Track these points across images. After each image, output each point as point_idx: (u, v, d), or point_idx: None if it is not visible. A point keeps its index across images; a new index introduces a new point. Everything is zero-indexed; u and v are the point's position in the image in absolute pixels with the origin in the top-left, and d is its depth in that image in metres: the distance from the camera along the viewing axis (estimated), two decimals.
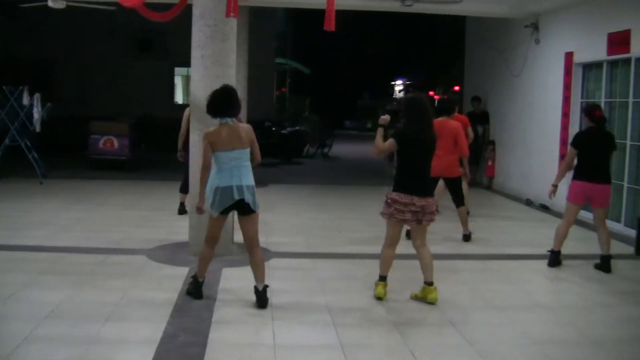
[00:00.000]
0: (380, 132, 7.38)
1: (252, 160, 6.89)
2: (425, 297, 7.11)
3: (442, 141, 8.68)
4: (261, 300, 6.79)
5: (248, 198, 6.72)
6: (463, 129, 10.71)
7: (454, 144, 10.14)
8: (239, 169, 6.72)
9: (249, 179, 6.78)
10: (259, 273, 6.86)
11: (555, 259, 8.88)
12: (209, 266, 7.10)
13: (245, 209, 6.80)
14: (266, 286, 6.86)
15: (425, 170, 7.18)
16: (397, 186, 7.12)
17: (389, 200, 7.14)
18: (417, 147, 7.12)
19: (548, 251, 9.01)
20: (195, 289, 7.02)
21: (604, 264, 8.75)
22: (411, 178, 7.08)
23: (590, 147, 8.68)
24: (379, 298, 7.14)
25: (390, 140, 7.20)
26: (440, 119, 9.91)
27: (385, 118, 7.47)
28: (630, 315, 7.03)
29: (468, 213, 11.23)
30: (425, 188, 7.10)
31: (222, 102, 6.85)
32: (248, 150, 6.83)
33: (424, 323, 6.64)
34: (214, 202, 6.74)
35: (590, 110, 8.84)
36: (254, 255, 6.89)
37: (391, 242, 7.30)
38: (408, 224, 7.20)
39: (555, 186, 8.91)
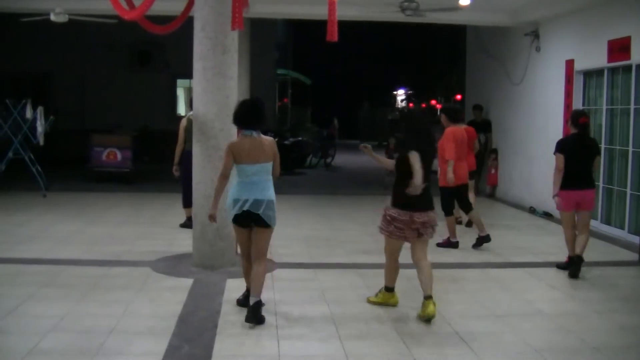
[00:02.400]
0: (375, 156, 7.53)
1: (272, 173, 6.87)
2: (422, 311, 6.89)
3: (458, 148, 9.37)
4: (248, 313, 6.62)
5: (266, 212, 6.67)
6: (471, 140, 10.94)
7: (468, 151, 10.38)
8: (260, 183, 6.70)
9: (269, 193, 6.74)
10: (255, 285, 6.73)
11: (577, 262, 8.68)
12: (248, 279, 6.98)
13: (261, 223, 6.75)
14: (259, 302, 6.66)
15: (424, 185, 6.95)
16: (396, 201, 6.99)
17: (387, 218, 7.02)
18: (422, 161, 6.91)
19: (564, 262, 9.00)
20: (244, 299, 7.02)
21: (575, 265, 8.70)
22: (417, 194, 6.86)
23: (575, 154, 8.66)
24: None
25: (391, 161, 7.32)
26: (454, 127, 10.31)
27: (367, 147, 7.50)
28: (632, 322, 7.01)
29: (460, 222, 11.34)
30: (425, 202, 6.98)
31: (249, 114, 6.82)
32: (270, 164, 6.80)
33: (427, 332, 6.62)
34: (232, 214, 6.75)
35: (574, 117, 8.86)
36: (256, 266, 6.81)
37: (390, 256, 7.27)
38: (409, 240, 7.06)
39: (556, 196, 8.82)
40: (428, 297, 6.87)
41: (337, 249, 10.39)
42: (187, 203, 10.40)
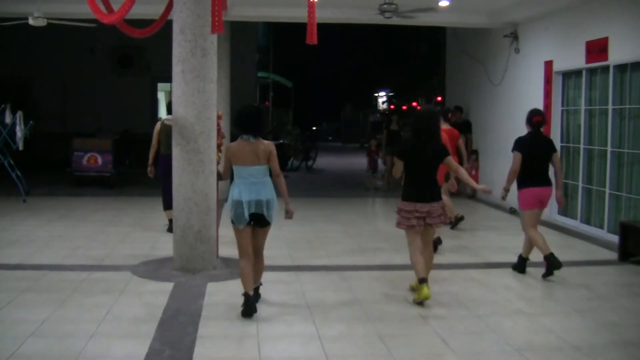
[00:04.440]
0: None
1: (270, 174, 7.14)
2: (417, 295, 7.46)
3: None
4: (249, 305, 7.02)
5: (266, 211, 7.01)
6: (454, 141, 11.05)
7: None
8: (257, 184, 6.99)
9: (267, 193, 7.02)
10: (257, 276, 7.34)
11: (553, 260, 8.59)
12: (249, 280, 7.06)
13: (262, 222, 7.09)
14: (259, 285, 7.43)
15: (426, 179, 7.65)
16: (404, 196, 7.70)
17: (397, 210, 7.76)
18: (419, 158, 7.64)
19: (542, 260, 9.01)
20: (246, 306, 6.97)
21: (520, 265, 9.10)
22: (414, 188, 7.64)
23: (532, 152, 8.76)
24: (425, 298, 7.39)
25: (397, 161, 7.80)
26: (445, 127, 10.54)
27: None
28: (612, 320, 7.06)
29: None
30: (427, 195, 7.59)
31: (247, 120, 7.08)
32: (266, 166, 7.05)
33: (407, 333, 6.64)
34: (234, 216, 7.01)
35: (529, 116, 8.94)
36: (260, 261, 7.35)
37: (412, 248, 7.69)
38: (415, 229, 7.59)
39: (507, 190, 9.01)
40: (422, 280, 7.40)
41: (319, 251, 10.41)
42: (167, 206, 10.78)
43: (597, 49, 11.44)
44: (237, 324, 6.75)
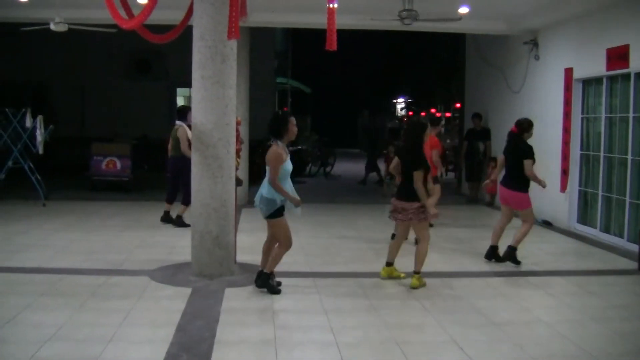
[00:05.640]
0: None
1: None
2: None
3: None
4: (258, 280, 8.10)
5: (259, 206, 7.91)
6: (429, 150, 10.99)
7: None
8: (264, 183, 7.90)
9: (262, 191, 7.83)
10: (270, 261, 8.07)
11: (491, 252, 10.08)
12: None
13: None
14: (263, 272, 8.09)
15: (406, 180, 8.60)
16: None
17: None
18: (402, 162, 8.83)
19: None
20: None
21: (491, 253, 10.09)
22: (399, 186, 8.94)
23: (506, 156, 9.96)
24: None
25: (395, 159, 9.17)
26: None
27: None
28: (629, 329, 7.02)
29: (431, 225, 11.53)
30: (404, 194, 8.63)
31: (270, 125, 7.96)
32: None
33: (424, 340, 6.62)
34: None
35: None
36: (276, 248, 8.09)
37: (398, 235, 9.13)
38: (397, 221, 9.00)
39: (492, 181, 10.92)
40: (415, 272, 8.50)
41: (335, 257, 10.39)
42: (170, 200, 12.64)
43: (617, 56, 11.36)
44: (255, 330, 6.74)
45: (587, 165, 12.76)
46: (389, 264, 8.94)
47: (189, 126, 11.25)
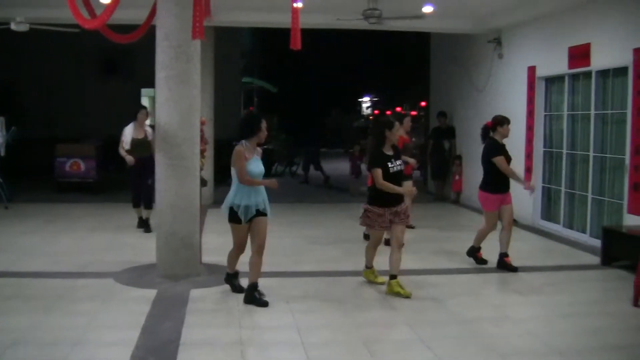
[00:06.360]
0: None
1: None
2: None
3: None
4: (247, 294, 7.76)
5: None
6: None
7: None
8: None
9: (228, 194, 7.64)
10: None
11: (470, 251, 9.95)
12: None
13: None
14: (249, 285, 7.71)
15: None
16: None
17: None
18: None
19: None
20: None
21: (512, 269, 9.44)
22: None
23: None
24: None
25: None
26: None
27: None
28: (596, 325, 7.09)
29: (413, 227, 11.79)
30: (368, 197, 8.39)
31: (240, 125, 8.01)
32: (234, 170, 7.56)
33: (392, 339, 6.66)
34: None
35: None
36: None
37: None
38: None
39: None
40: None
41: (304, 256, 10.39)
42: (136, 204, 12.20)
43: (579, 54, 11.50)
44: (221, 331, 6.73)
45: (551, 162, 12.90)
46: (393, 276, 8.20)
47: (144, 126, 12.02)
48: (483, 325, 7.08)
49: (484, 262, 9.77)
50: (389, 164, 8.10)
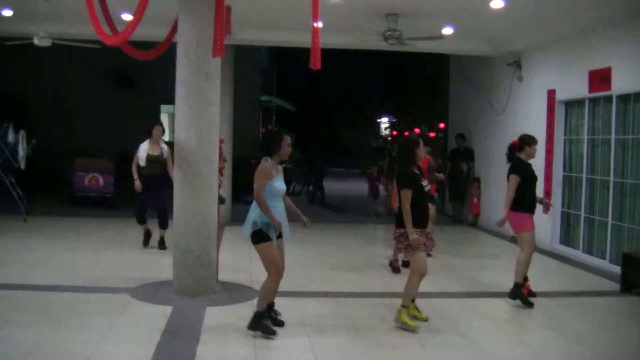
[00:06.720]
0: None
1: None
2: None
3: None
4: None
5: (243, 230, 7.28)
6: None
7: None
8: None
9: (249, 213, 7.24)
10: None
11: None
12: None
13: None
14: (256, 313, 7.19)
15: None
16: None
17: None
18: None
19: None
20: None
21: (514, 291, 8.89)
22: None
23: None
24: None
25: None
26: None
27: None
28: (613, 351, 7.02)
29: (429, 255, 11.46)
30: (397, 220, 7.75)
31: (262, 141, 7.80)
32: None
33: None
34: None
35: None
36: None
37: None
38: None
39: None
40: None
41: (318, 276, 10.35)
42: (141, 220, 12.02)
43: (599, 78, 11.44)
44: (235, 349, 6.70)
45: (570, 186, 12.82)
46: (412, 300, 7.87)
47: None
48: (497, 349, 7.01)
49: (533, 295, 8.97)
50: (423, 183, 7.76)
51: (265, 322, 7.22)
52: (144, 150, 11.81)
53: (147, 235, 12.08)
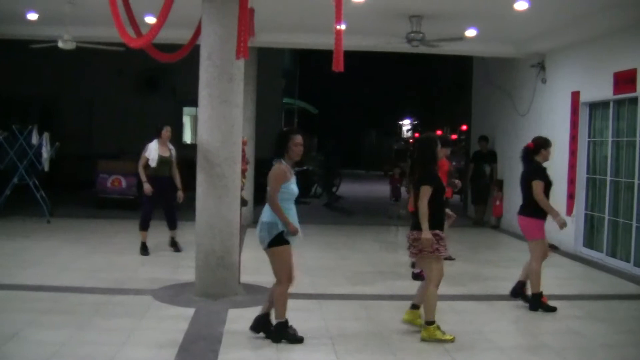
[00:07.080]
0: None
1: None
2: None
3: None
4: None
5: (259, 235, 6.92)
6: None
7: None
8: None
9: (263, 215, 6.94)
10: (274, 307, 7.08)
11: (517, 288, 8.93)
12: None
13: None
14: (277, 324, 7.02)
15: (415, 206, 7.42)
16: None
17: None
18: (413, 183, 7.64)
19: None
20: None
21: (528, 301, 8.71)
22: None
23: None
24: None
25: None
26: None
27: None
28: (637, 355, 6.94)
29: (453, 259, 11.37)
30: (412, 222, 7.44)
31: (273, 143, 7.17)
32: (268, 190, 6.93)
33: None
34: None
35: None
36: (274, 288, 7.10)
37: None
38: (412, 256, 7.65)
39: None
40: (425, 322, 7.28)
41: (340, 278, 10.33)
42: (144, 226, 11.55)
43: (625, 80, 11.34)
44: (258, 352, 6.69)
45: (594, 189, 12.71)
46: (414, 306, 7.67)
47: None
48: (520, 352, 6.96)
49: (553, 309, 8.61)
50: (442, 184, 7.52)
51: (290, 330, 7.01)
52: (154, 150, 11.47)
53: (145, 245, 11.64)
